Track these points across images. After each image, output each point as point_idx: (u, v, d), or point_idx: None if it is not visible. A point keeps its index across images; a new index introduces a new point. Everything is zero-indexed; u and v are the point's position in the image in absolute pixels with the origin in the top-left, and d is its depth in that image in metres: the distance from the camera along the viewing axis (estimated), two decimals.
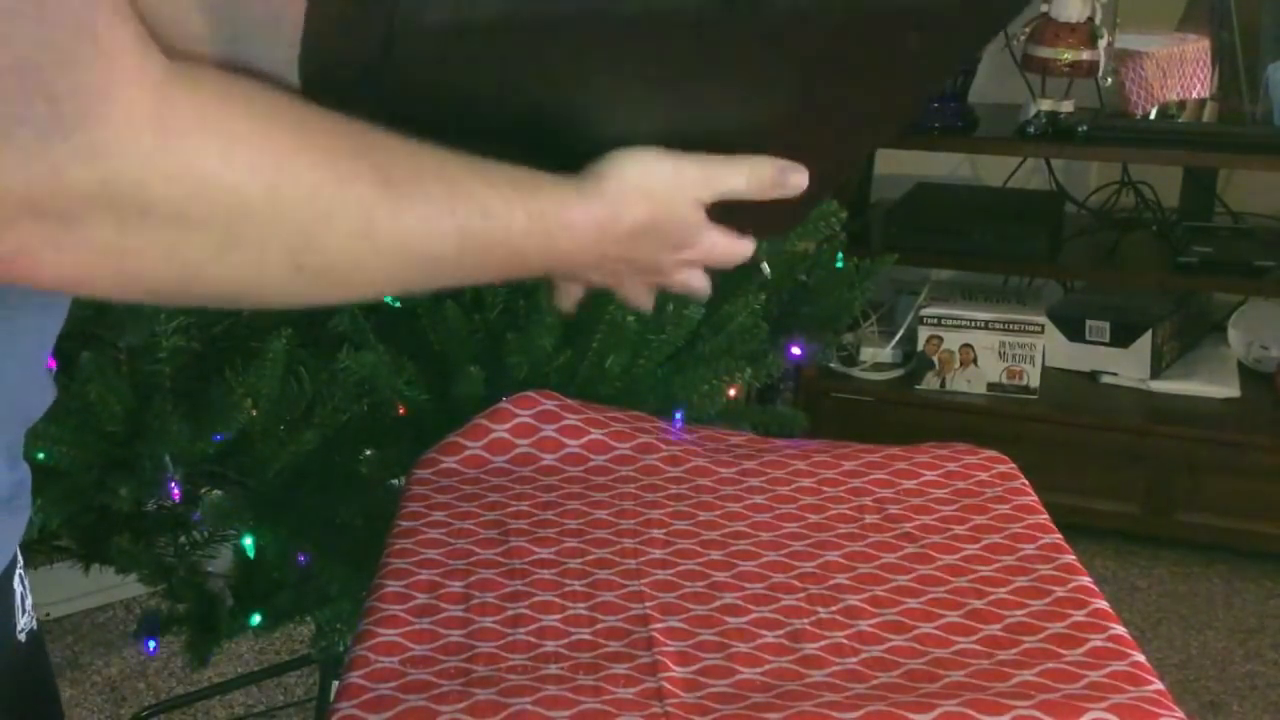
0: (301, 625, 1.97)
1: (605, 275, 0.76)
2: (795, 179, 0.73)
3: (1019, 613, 0.99)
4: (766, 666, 0.93)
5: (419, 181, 0.59)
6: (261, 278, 0.56)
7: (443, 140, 0.61)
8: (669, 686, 0.89)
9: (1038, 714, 0.85)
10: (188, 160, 0.50)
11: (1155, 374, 2.77)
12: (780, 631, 0.97)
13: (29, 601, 0.79)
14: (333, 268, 0.57)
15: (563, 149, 0.68)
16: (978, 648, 0.95)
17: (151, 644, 1.78)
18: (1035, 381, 2.76)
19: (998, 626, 0.97)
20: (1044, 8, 2.63)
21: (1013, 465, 1.24)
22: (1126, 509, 2.68)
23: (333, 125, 0.56)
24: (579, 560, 1.07)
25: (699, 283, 0.79)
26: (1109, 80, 2.66)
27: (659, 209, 0.70)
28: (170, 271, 0.53)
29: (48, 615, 2.31)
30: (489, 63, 0.61)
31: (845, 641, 0.96)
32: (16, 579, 0.76)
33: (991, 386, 2.78)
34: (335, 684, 1.04)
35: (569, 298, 0.83)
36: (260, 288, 0.57)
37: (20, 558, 0.77)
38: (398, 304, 1.58)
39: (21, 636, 0.77)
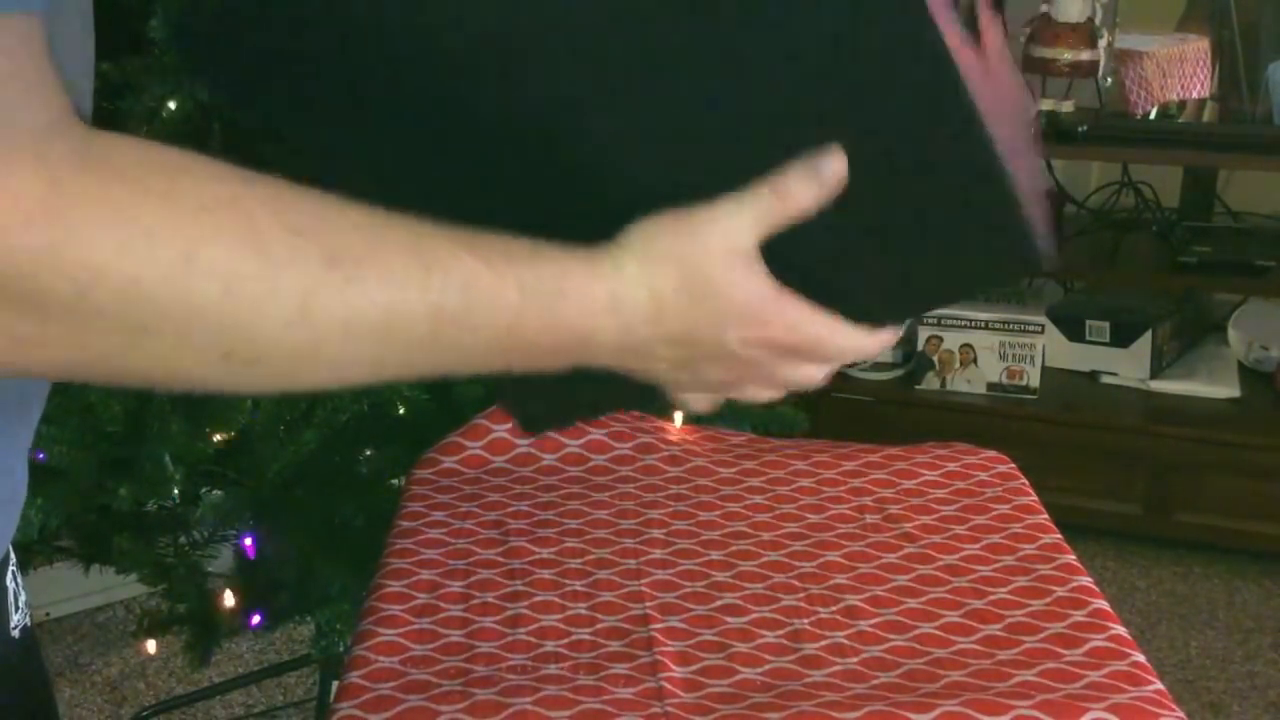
0: (301, 625, 1.97)
1: (674, 371, 0.65)
2: (830, 169, 0.60)
3: (1019, 613, 0.99)
4: (766, 666, 0.93)
5: (378, 257, 0.54)
6: (189, 367, 0.52)
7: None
8: (669, 686, 0.89)
9: (1038, 714, 0.85)
10: (80, 255, 0.47)
11: (1155, 374, 2.77)
12: (780, 631, 0.97)
13: (22, 599, 0.79)
14: (268, 357, 0.53)
15: (575, 213, 0.60)
16: (978, 648, 0.95)
17: (151, 644, 1.78)
18: (1035, 381, 2.76)
19: (998, 626, 0.97)
20: (1044, 8, 2.63)
21: (1013, 465, 1.24)
22: (1126, 509, 2.68)
23: (270, 201, 0.52)
24: (579, 560, 1.07)
25: (810, 376, 0.68)
26: (1109, 80, 2.66)
27: (689, 272, 0.61)
28: (85, 359, 0.50)
29: (48, 615, 2.31)
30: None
31: (845, 641, 0.96)
32: (9, 576, 0.76)
33: (991, 386, 2.78)
34: (335, 684, 1.04)
35: (693, 407, 0.72)
36: (191, 376, 0.53)
37: (13, 555, 0.77)
38: None
39: (15, 633, 0.77)
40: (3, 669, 0.76)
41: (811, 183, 0.60)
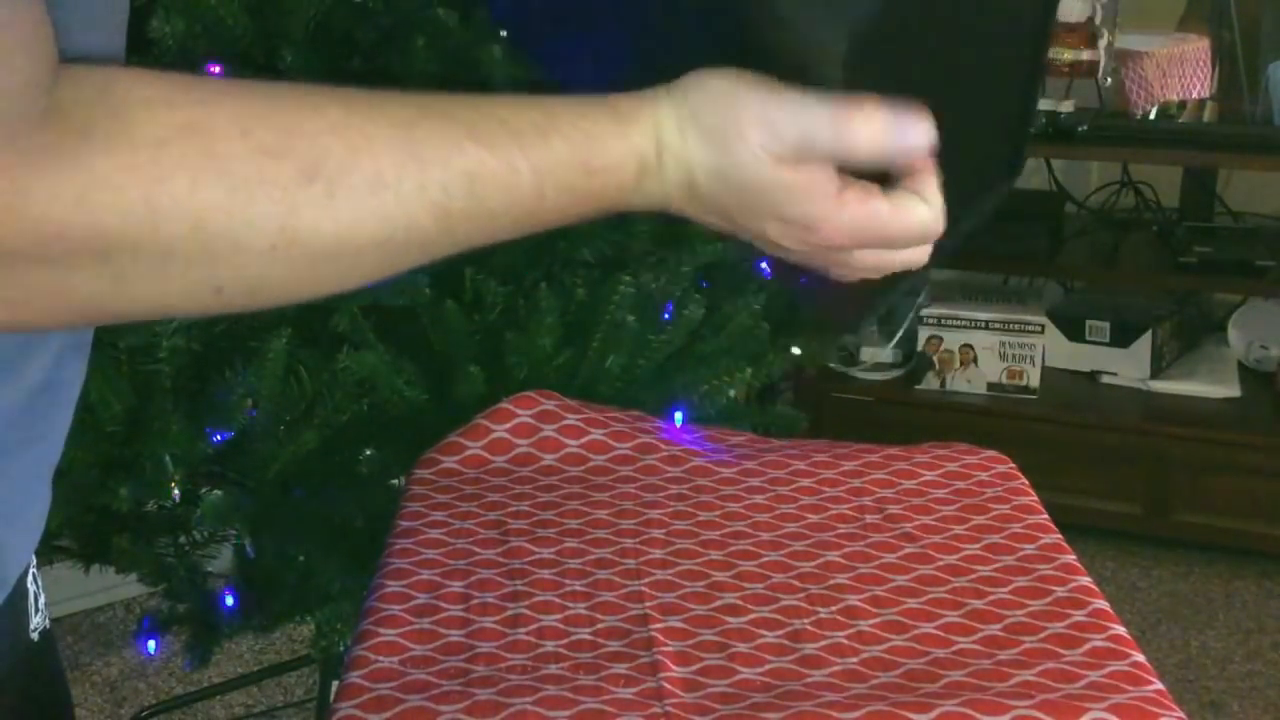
0: (301, 625, 1.98)
1: (734, 230, 0.61)
2: (916, 133, 0.55)
3: (1019, 613, 0.99)
4: (766, 666, 0.93)
5: (363, 162, 0.49)
6: (184, 304, 0.50)
7: None
8: (669, 686, 0.89)
9: (1038, 714, 0.85)
10: (39, 211, 0.45)
11: (1155, 374, 2.77)
12: (780, 631, 0.97)
13: (42, 600, 0.79)
14: (264, 283, 0.50)
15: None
16: (978, 648, 0.95)
17: (151, 644, 1.78)
18: (1035, 381, 2.76)
19: (998, 626, 0.97)
20: None
21: (1013, 465, 1.24)
22: (1126, 509, 2.68)
23: (236, 118, 0.48)
24: (579, 560, 1.07)
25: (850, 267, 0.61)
26: (1109, 80, 2.67)
27: (709, 145, 0.56)
28: (75, 305, 0.49)
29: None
30: None
31: (845, 641, 0.96)
32: (30, 578, 0.77)
33: (991, 386, 2.78)
34: (335, 684, 1.04)
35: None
36: (191, 310, 0.52)
37: (33, 558, 0.77)
38: (398, 303, 1.58)
39: (34, 635, 0.77)
40: (23, 671, 0.76)
41: (892, 135, 0.56)
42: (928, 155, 0.57)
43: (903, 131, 0.56)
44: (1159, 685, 0.89)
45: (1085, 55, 2.60)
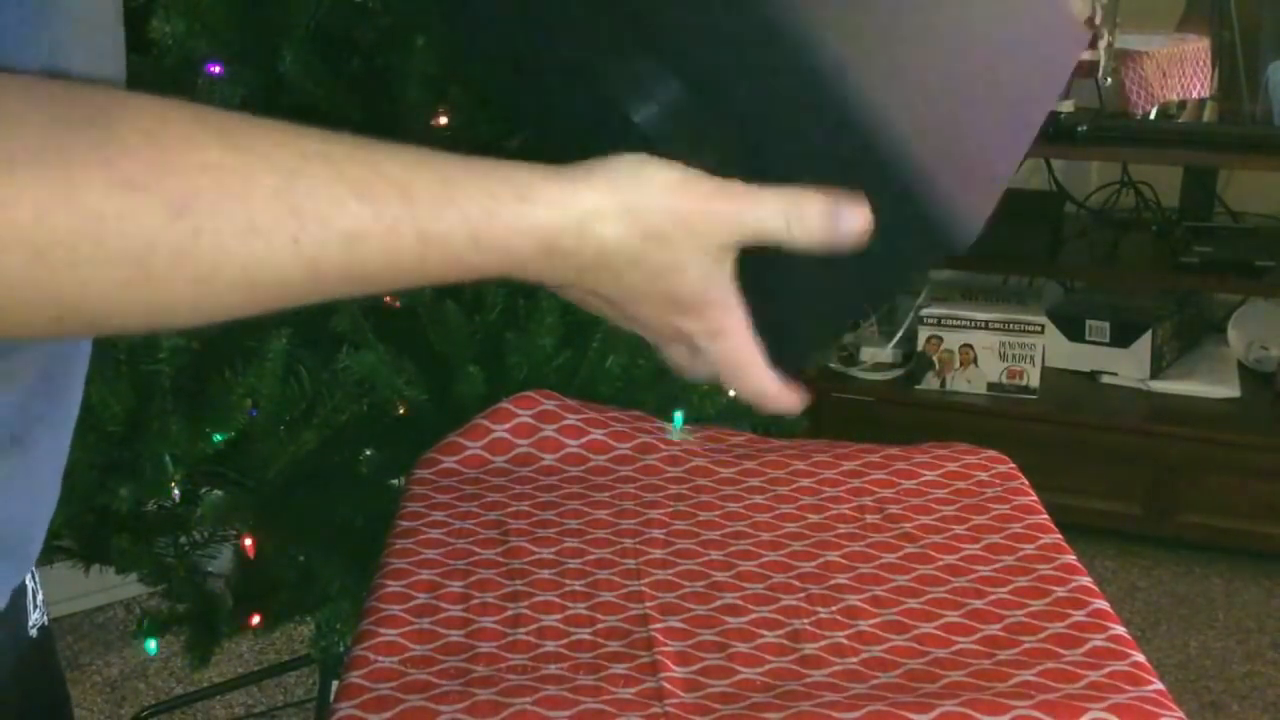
0: (301, 625, 1.98)
1: (616, 318, 0.61)
2: (850, 222, 0.56)
3: (1019, 613, 0.99)
4: (766, 666, 0.93)
5: (236, 204, 0.47)
6: (17, 332, 0.48)
7: None
8: (669, 686, 0.89)
9: (1038, 714, 0.85)
10: None
11: (1155, 374, 2.77)
12: (780, 631, 0.97)
13: (40, 597, 0.79)
14: (112, 315, 0.47)
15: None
16: (978, 648, 0.94)
17: (151, 644, 1.78)
18: (1035, 381, 2.75)
19: (998, 626, 0.97)
20: None
21: (1013, 465, 1.24)
22: (1126, 509, 2.68)
23: (104, 146, 0.46)
24: (579, 560, 1.07)
25: (693, 367, 0.61)
26: (1109, 80, 2.67)
27: (648, 239, 0.55)
28: None
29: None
30: None
31: (845, 641, 0.96)
32: (28, 576, 0.77)
33: (991, 386, 2.78)
34: (335, 684, 1.04)
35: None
36: (25, 336, 0.49)
37: None
38: (398, 303, 1.58)
39: (33, 632, 0.77)
40: (22, 668, 0.76)
41: (828, 227, 0.56)
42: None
43: (840, 219, 0.57)
44: (1159, 685, 0.89)
45: (1085, 55, 2.60)
